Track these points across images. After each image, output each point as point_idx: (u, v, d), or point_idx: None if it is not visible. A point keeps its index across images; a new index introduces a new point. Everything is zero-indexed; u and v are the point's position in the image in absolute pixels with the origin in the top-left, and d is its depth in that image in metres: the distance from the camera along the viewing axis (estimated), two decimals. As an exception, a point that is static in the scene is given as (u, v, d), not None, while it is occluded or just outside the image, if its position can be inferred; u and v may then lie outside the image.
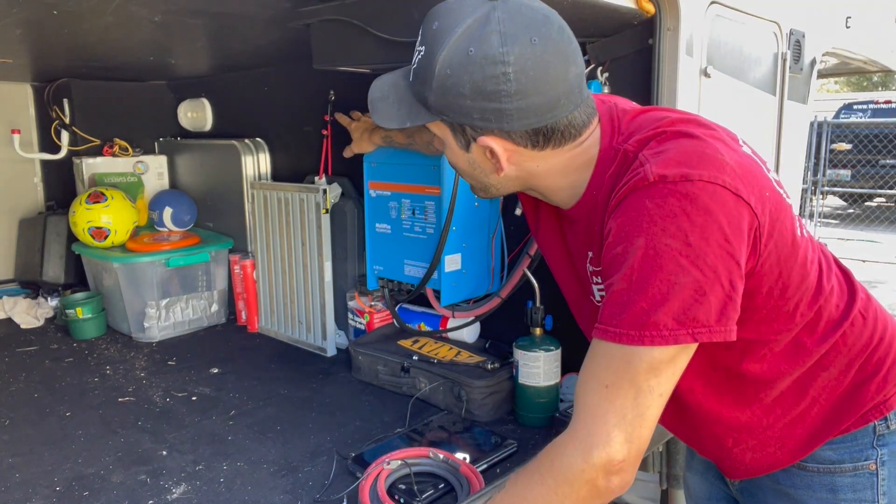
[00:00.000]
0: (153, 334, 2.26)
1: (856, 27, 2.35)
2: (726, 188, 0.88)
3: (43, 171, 3.02)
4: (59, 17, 1.47)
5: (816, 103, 4.31)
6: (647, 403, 0.90)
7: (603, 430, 0.90)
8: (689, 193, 0.87)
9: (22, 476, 1.39)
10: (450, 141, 1.04)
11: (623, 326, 0.89)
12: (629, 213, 0.91)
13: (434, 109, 0.98)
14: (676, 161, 0.90)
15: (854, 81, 20.86)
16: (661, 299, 0.87)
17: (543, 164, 1.03)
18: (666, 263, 0.86)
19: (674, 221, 0.87)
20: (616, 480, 0.92)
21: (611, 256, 0.92)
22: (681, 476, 2.24)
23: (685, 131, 0.96)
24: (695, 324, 0.87)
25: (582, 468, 0.91)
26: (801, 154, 2.20)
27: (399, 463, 1.30)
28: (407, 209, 1.82)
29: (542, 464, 0.97)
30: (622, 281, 0.89)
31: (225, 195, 2.55)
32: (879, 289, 6.64)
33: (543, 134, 0.98)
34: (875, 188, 9.81)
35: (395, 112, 1.03)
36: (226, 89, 2.65)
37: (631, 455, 0.91)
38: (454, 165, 1.09)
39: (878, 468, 1.10)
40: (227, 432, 1.57)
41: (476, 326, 1.90)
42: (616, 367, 0.91)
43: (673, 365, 0.91)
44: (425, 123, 1.02)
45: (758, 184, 0.93)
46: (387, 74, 1.07)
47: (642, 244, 0.88)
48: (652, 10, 1.43)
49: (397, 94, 1.03)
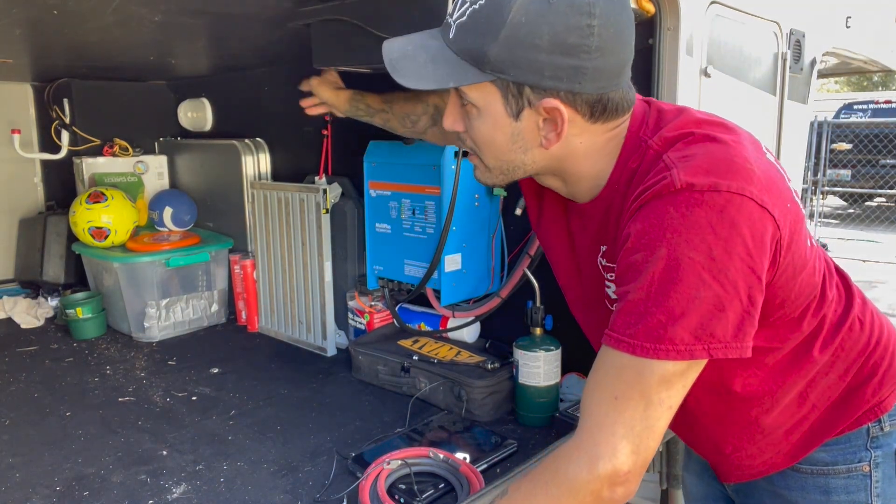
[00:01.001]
0: (153, 334, 2.26)
1: (856, 27, 2.35)
2: (753, 200, 0.85)
3: (43, 171, 3.02)
4: (59, 17, 1.47)
5: (816, 103, 4.31)
6: (656, 416, 0.89)
7: (610, 442, 0.89)
8: (716, 205, 0.84)
9: (22, 476, 1.39)
10: (495, 108, 0.94)
11: (638, 338, 0.86)
12: (651, 219, 0.87)
13: (493, 66, 0.89)
14: (705, 169, 0.86)
15: (854, 81, 20.86)
16: (679, 313, 0.84)
17: (587, 141, 0.97)
18: (687, 276, 0.84)
19: (698, 233, 0.84)
20: (620, 491, 0.91)
21: (628, 263, 0.89)
22: (680, 476, 2.24)
23: (713, 135, 0.92)
24: (711, 339, 0.85)
25: (587, 479, 0.89)
26: (801, 154, 2.20)
27: (399, 463, 1.30)
28: (407, 209, 1.82)
29: (546, 472, 0.96)
30: (640, 290, 0.87)
31: (225, 195, 2.55)
32: (879, 289, 6.64)
33: (604, 103, 0.93)
34: (875, 188, 9.82)
35: (431, 72, 0.93)
36: (226, 89, 2.65)
37: (637, 466, 0.90)
38: (483, 140, 0.99)
39: (872, 470, 1.10)
40: (227, 432, 1.57)
41: (476, 326, 1.90)
42: (627, 378, 0.89)
43: (684, 378, 0.89)
44: (472, 84, 0.92)
45: (781, 195, 0.91)
46: (401, 37, 0.99)
47: (664, 255, 0.85)
48: (652, 9, 1.43)
49: (429, 53, 0.94)
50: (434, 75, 0.93)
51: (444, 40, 0.94)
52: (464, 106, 0.99)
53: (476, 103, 0.95)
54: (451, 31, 0.93)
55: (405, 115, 1.50)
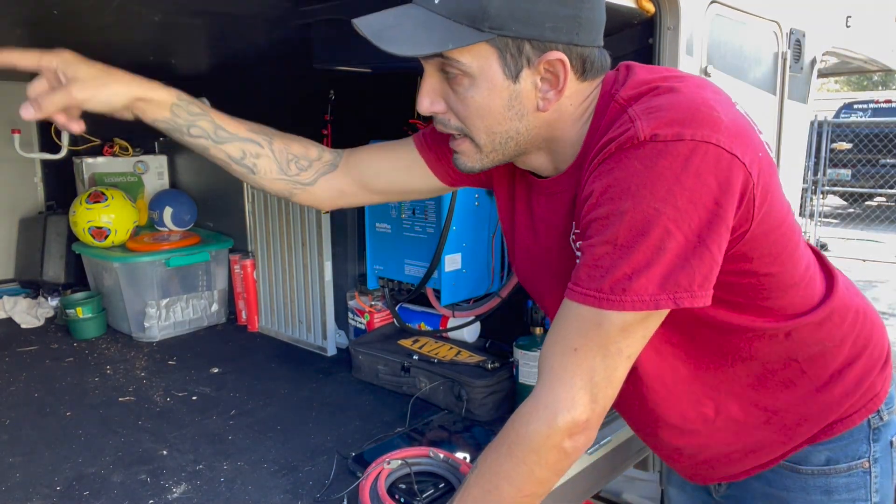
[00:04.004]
0: (153, 334, 2.26)
1: (856, 26, 2.35)
2: (721, 147, 0.83)
3: (43, 171, 3.01)
4: (59, 16, 1.47)
5: (816, 103, 4.31)
6: (614, 365, 0.89)
7: (569, 395, 0.89)
8: (680, 154, 0.82)
9: (22, 476, 1.39)
10: (491, 72, 0.90)
11: (604, 291, 0.85)
12: (615, 173, 0.85)
13: (492, 22, 0.86)
14: (669, 119, 0.84)
15: (854, 81, 20.87)
16: (644, 265, 0.83)
17: (575, 102, 0.95)
18: (653, 229, 0.82)
19: (663, 184, 0.82)
20: (581, 439, 0.91)
21: (592, 218, 0.88)
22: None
23: (678, 87, 0.90)
24: (677, 288, 0.84)
25: (547, 434, 0.90)
26: (801, 153, 2.20)
27: (399, 462, 1.30)
28: (407, 209, 1.82)
29: (508, 436, 0.95)
30: (605, 245, 0.85)
31: (225, 195, 2.55)
32: (879, 288, 6.64)
33: (592, 59, 0.92)
34: (875, 188, 9.81)
35: (424, 37, 0.88)
36: (226, 89, 2.65)
37: (595, 414, 0.90)
38: (476, 111, 0.94)
39: (871, 465, 1.09)
40: (227, 432, 1.57)
41: (476, 326, 1.90)
42: (587, 329, 0.88)
43: (644, 326, 0.89)
44: (470, 45, 0.88)
45: (752, 144, 0.89)
46: (374, 13, 0.93)
47: (629, 207, 0.83)
48: (652, 9, 1.43)
49: (416, 21, 0.89)
50: (429, 40, 0.88)
51: (427, 8, 0.89)
52: (450, 79, 0.93)
53: (469, 69, 0.90)
54: None
55: (293, 157, 1.21)
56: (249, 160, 1.18)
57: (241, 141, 1.17)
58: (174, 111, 1.11)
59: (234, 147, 1.17)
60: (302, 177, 1.22)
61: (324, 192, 1.25)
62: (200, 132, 1.13)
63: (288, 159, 1.21)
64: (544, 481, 0.95)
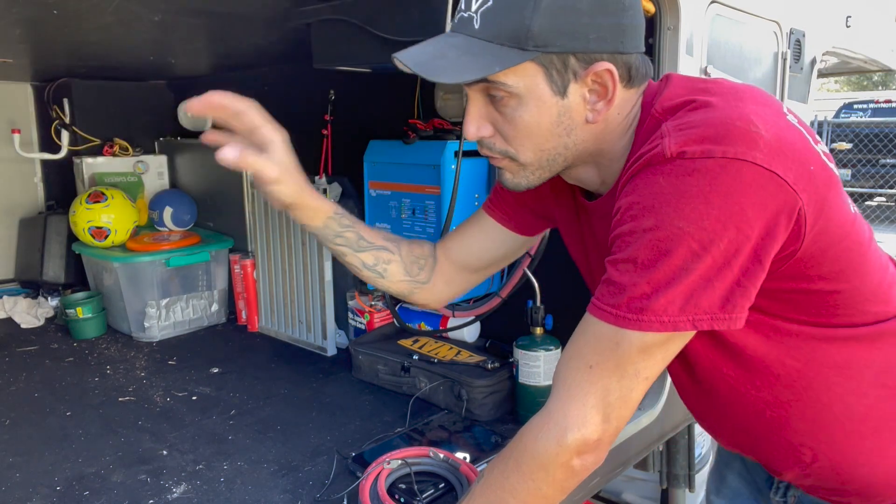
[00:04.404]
0: (153, 334, 2.26)
1: (856, 26, 2.35)
2: (757, 164, 0.79)
3: (43, 171, 3.02)
4: (59, 16, 1.47)
5: (816, 103, 4.31)
6: (631, 386, 0.87)
7: (580, 412, 0.87)
8: (710, 172, 0.79)
9: (22, 476, 1.39)
10: (539, 90, 0.90)
11: (621, 308, 0.83)
12: (641, 190, 0.83)
13: (536, 41, 0.85)
14: (699, 136, 0.81)
15: (854, 81, 20.87)
16: (665, 284, 0.81)
17: (623, 112, 0.94)
18: (676, 248, 0.80)
19: (689, 202, 0.79)
20: (591, 459, 0.90)
21: (616, 234, 0.86)
22: (681, 476, 2.24)
23: (714, 102, 0.86)
24: (696, 310, 0.82)
25: (556, 452, 0.88)
26: (801, 153, 2.20)
27: (399, 462, 1.30)
28: (407, 209, 1.82)
29: (517, 450, 0.94)
30: (627, 262, 0.84)
31: (225, 195, 2.55)
32: (879, 288, 6.62)
33: (636, 66, 0.91)
34: (875, 188, 9.81)
35: (471, 63, 0.88)
36: (226, 89, 2.64)
37: (607, 434, 0.88)
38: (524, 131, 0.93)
39: None
40: (227, 432, 1.57)
41: (476, 326, 1.90)
42: (604, 347, 0.86)
43: (665, 349, 0.87)
44: (516, 66, 0.87)
45: (800, 158, 0.83)
46: (413, 46, 0.94)
47: (652, 225, 0.81)
48: (652, 9, 1.43)
49: (458, 49, 0.89)
50: (475, 65, 0.87)
51: (468, 34, 0.90)
52: (495, 102, 0.93)
53: (516, 89, 0.90)
54: (476, 22, 0.89)
55: (414, 259, 1.28)
56: (381, 266, 1.25)
57: (377, 249, 1.24)
58: (327, 223, 1.18)
59: (369, 255, 1.23)
60: (421, 276, 1.28)
61: (437, 286, 1.30)
62: (344, 242, 1.21)
63: (412, 261, 1.27)
64: (550, 498, 0.94)
